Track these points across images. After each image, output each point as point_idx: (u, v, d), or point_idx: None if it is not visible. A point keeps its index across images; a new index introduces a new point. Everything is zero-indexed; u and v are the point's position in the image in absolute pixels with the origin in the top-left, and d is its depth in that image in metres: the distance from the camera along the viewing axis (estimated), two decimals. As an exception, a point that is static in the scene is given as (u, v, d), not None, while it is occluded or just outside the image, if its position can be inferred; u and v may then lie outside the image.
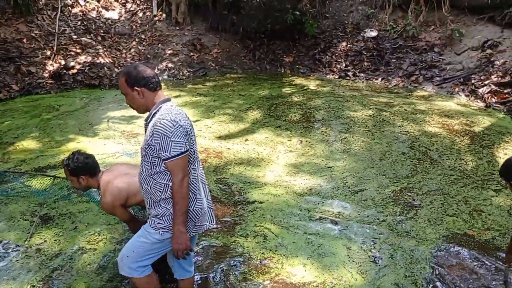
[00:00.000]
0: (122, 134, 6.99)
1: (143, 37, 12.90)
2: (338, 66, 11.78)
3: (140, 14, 13.74)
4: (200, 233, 2.86)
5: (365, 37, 12.16)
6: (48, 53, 10.67)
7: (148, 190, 2.62)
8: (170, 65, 11.88)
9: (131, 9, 13.93)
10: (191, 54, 12.54)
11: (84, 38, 11.62)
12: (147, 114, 2.66)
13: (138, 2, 14.02)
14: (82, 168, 3.18)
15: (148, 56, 12.20)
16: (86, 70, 10.38)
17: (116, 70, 10.88)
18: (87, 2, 13.25)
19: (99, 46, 11.65)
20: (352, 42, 12.28)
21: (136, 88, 2.56)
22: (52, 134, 6.95)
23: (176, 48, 12.51)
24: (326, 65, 11.98)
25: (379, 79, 10.92)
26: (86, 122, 7.56)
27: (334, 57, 12.09)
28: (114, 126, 7.37)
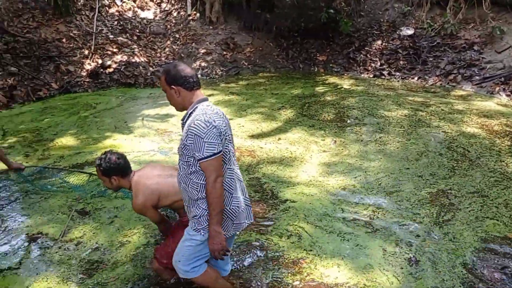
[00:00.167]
0: (156, 132, 7.09)
1: (177, 36, 13.05)
2: (372, 65, 11.57)
3: (174, 14, 13.91)
4: (239, 231, 2.85)
5: (401, 35, 11.90)
6: (86, 52, 10.95)
7: (185, 188, 2.66)
8: (203, 64, 11.97)
9: (166, 8, 14.12)
10: (224, 53, 12.59)
11: (120, 38, 11.86)
12: (184, 113, 2.69)
13: (173, 2, 14.18)
14: (114, 168, 3.18)
15: (182, 55, 12.33)
16: (122, 69, 10.59)
17: (150, 69, 11.04)
18: (124, 2, 13.52)
19: (135, 46, 11.86)
20: (387, 40, 12.03)
21: (173, 86, 2.61)
22: (89, 131, 7.13)
23: (209, 47, 12.60)
24: (361, 64, 11.78)
25: (415, 78, 10.66)
26: (122, 120, 7.72)
27: (368, 55, 11.88)
28: (148, 124, 7.48)
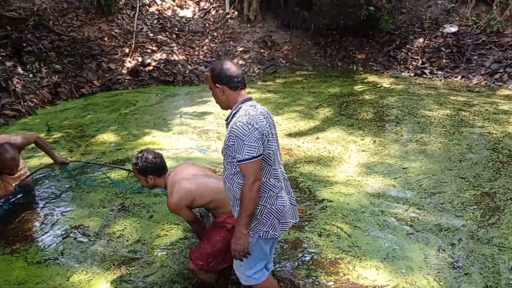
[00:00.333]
0: (194, 129, 7.17)
1: (215, 34, 13.15)
2: (413, 63, 11.27)
3: (212, 12, 14.03)
4: (286, 230, 2.82)
5: (444, 32, 11.53)
6: (126, 50, 11.20)
7: (230, 188, 2.67)
8: (241, 62, 12.00)
9: (204, 7, 14.26)
10: (262, 51, 12.59)
11: (159, 36, 12.07)
12: (228, 113, 2.69)
13: (211, 0, 14.31)
14: (150, 168, 3.19)
15: (219, 53, 12.41)
16: (161, 67, 10.77)
17: (189, 67, 11.17)
18: (164, 1, 13.74)
19: (174, 44, 12.04)
20: (429, 38, 11.68)
21: (218, 85, 2.63)
22: (129, 128, 7.28)
23: (247, 45, 12.62)
24: (401, 62, 11.50)
25: (459, 77, 10.32)
26: (161, 117, 7.84)
27: (409, 53, 11.57)
28: (186, 122, 7.57)
